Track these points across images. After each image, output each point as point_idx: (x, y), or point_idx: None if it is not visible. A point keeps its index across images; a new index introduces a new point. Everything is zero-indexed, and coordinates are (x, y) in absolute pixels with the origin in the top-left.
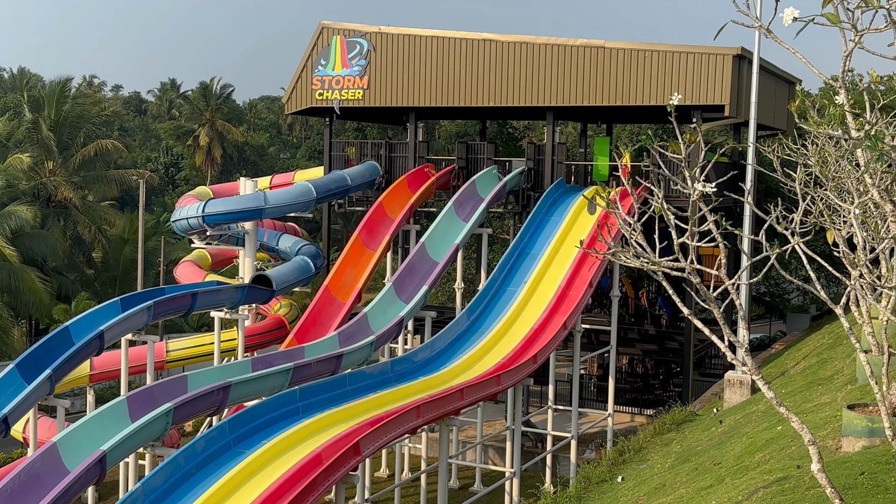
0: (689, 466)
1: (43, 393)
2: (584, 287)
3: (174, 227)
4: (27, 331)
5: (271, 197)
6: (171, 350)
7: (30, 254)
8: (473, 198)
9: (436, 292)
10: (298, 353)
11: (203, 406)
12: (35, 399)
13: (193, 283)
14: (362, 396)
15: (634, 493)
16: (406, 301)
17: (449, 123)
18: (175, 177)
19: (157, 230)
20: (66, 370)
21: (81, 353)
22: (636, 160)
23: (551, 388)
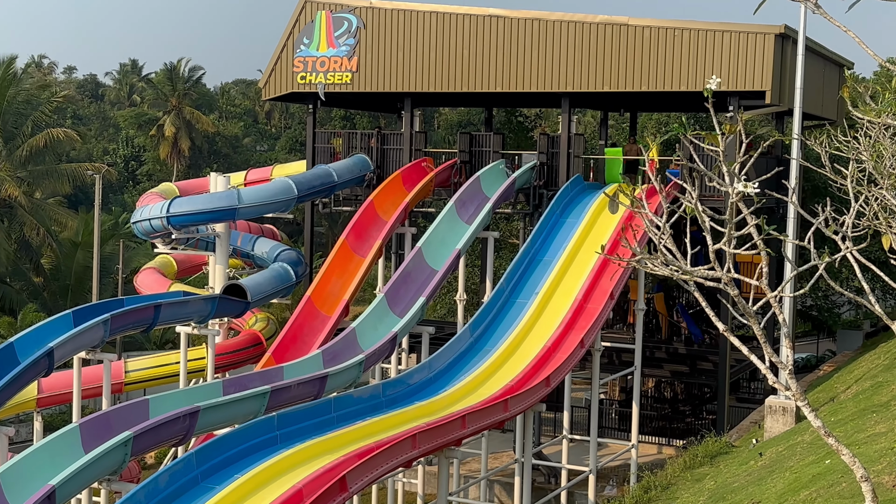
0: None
1: None
2: (604, 299)
3: (134, 229)
4: None
5: (246, 195)
6: (130, 370)
7: None
8: (478, 196)
9: (434, 305)
10: (276, 375)
11: (167, 435)
12: None
13: (156, 293)
14: (349, 424)
15: None
16: (400, 315)
17: (450, 111)
18: (136, 172)
19: (116, 233)
20: (10, 393)
21: (28, 373)
22: (665, 154)
23: (566, 416)
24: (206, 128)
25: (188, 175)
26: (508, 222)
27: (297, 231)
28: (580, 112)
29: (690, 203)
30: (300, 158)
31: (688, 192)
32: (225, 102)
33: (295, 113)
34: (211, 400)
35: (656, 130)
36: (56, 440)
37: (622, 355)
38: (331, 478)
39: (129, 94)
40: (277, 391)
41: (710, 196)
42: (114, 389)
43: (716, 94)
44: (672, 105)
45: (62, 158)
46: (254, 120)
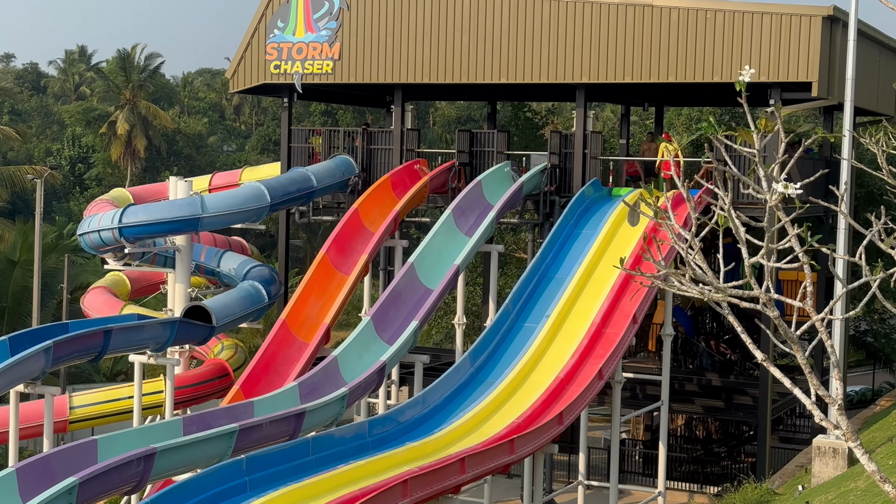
0: None
1: None
2: (625, 323)
3: (81, 242)
4: None
5: (211, 202)
6: (76, 406)
7: None
8: (479, 204)
9: (428, 329)
10: (246, 411)
11: (118, 481)
12: None
13: (107, 316)
14: (330, 468)
15: None
16: (389, 341)
17: (447, 106)
18: (84, 175)
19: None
20: None
21: None
22: (693, 154)
23: (582, 458)
24: (165, 125)
25: (144, 179)
26: (515, 234)
27: (270, 244)
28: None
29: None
30: (274, 160)
31: (720, 199)
32: (187, 95)
33: (268, 107)
34: (169, 441)
35: (685, 128)
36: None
37: (647, 388)
38: None
39: (76, 87)
40: (247, 430)
41: (747, 203)
42: (56, 428)
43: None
44: (704, 98)
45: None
46: (220, 115)
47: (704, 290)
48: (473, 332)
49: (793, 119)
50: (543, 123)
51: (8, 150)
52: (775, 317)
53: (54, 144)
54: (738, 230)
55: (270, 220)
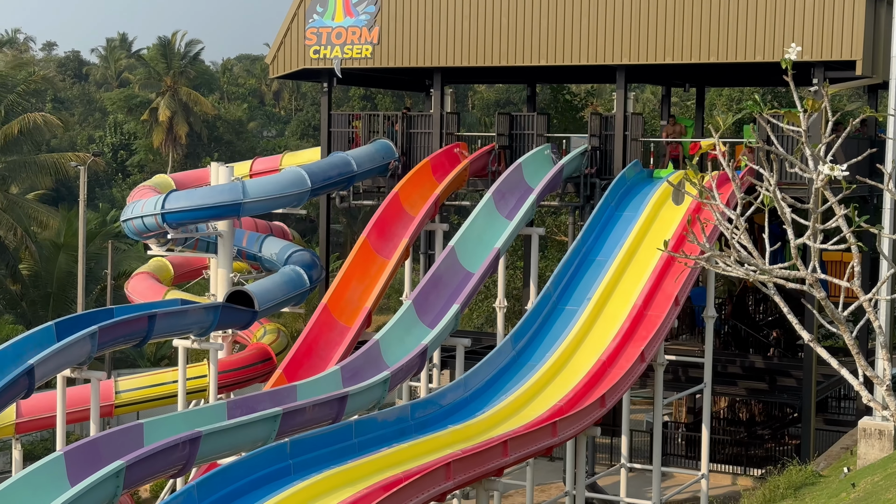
0: None
1: None
2: (667, 305)
3: (125, 228)
4: None
5: (252, 188)
6: (121, 391)
7: None
8: (520, 187)
9: (469, 313)
10: (289, 395)
11: (163, 464)
12: None
13: (150, 301)
14: (373, 451)
15: None
16: (430, 325)
17: (486, 89)
18: (126, 162)
19: (103, 231)
20: None
21: (5, 394)
22: (736, 135)
23: (625, 441)
24: (206, 111)
25: (186, 165)
26: (555, 217)
27: (311, 229)
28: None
29: (768, 192)
30: (314, 145)
31: (765, 180)
32: (227, 81)
33: (307, 93)
34: (214, 424)
35: (727, 108)
36: (38, 471)
37: (689, 370)
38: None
39: (118, 74)
40: (290, 414)
41: (792, 184)
42: (103, 412)
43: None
44: (746, 79)
45: (41, 148)
46: (260, 101)
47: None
48: (514, 315)
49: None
50: (583, 105)
51: (51, 138)
52: (822, 298)
53: (97, 132)
54: (784, 210)
55: (311, 204)
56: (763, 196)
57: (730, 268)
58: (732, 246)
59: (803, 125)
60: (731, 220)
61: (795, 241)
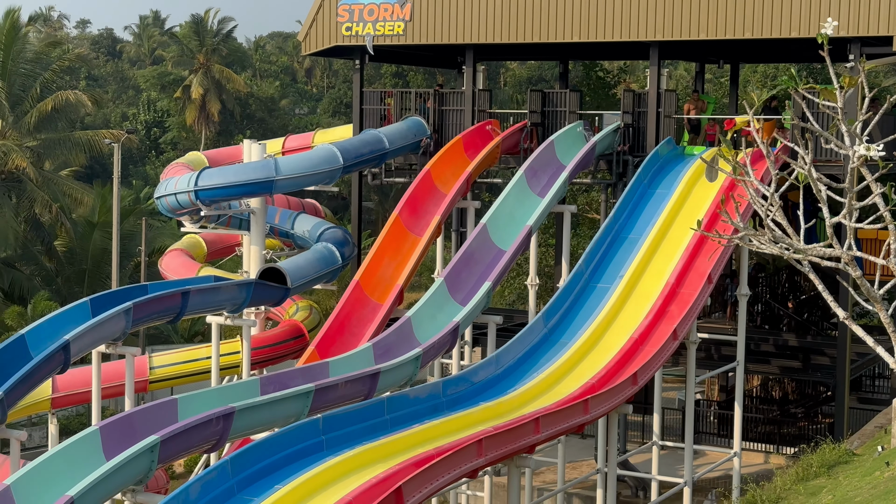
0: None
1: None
2: (700, 283)
3: (158, 205)
4: None
5: (284, 165)
6: (155, 366)
7: None
8: (552, 164)
9: (501, 290)
10: (321, 371)
11: (198, 439)
12: None
13: (184, 278)
14: (405, 428)
15: None
16: (462, 302)
17: (518, 66)
18: (159, 139)
19: (137, 209)
20: (22, 392)
21: (41, 370)
22: (771, 112)
23: (657, 419)
24: (239, 88)
25: (218, 143)
26: (587, 194)
27: (342, 206)
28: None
29: (803, 169)
30: (346, 122)
31: (800, 157)
32: (259, 59)
33: (339, 70)
34: (247, 400)
35: (761, 85)
36: (74, 445)
37: (722, 349)
38: (384, 489)
39: (151, 52)
40: (322, 390)
41: (827, 161)
42: (137, 388)
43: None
44: (780, 55)
45: (75, 125)
46: (292, 79)
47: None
48: (546, 293)
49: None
50: (616, 82)
51: (85, 115)
52: (858, 276)
53: (130, 109)
54: (819, 188)
55: (343, 182)
56: (798, 173)
57: (764, 246)
58: (767, 224)
59: (839, 101)
60: (766, 198)
61: (831, 220)
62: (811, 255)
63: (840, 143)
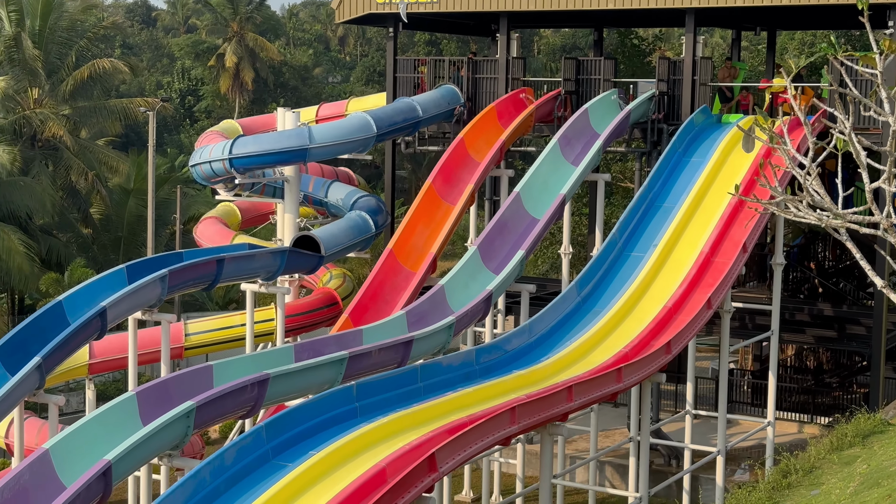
0: (880, 493)
1: (30, 387)
2: (735, 252)
3: (193, 173)
4: (8, 308)
5: (318, 133)
6: (191, 333)
7: (9, 208)
8: (586, 133)
9: (534, 259)
10: (355, 339)
11: (233, 405)
12: (20, 395)
13: (219, 246)
14: (438, 395)
15: None
16: (495, 271)
17: (552, 34)
18: (194, 108)
19: (172, 177)
20: (59, 358)
21: (78, 336)
22: (807, 78)
23: (690, 388)
24: (272, 57)
25: (252, 111)
26: (622, 163)
27: (376, 175)
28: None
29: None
30: (379, 90)
31: (839, 123)
32: (293, 27)
33: (373, 38)
34: (281, 367)
35: (799, 52)
36: (111, 410)
37: (756, 318)
38: (418, 456)
39: (185, 20)
40: (356, 357)
41: (866, 129)
42: (173, 354)
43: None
44: (818, 21)
45: (110, 93)
46: (325, 47)
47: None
48: (579, 261)
49: None
50: (651, 50)
51: (120, 84)
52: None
53: (164, 77)
54: (859, 154)
55: (376, 150)
56: (836, 140)
57: (801, 213)
58: (805, 190)
59: (879, 67)
60: (803, 166)
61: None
62: (849, 221)
63: (880, 109)
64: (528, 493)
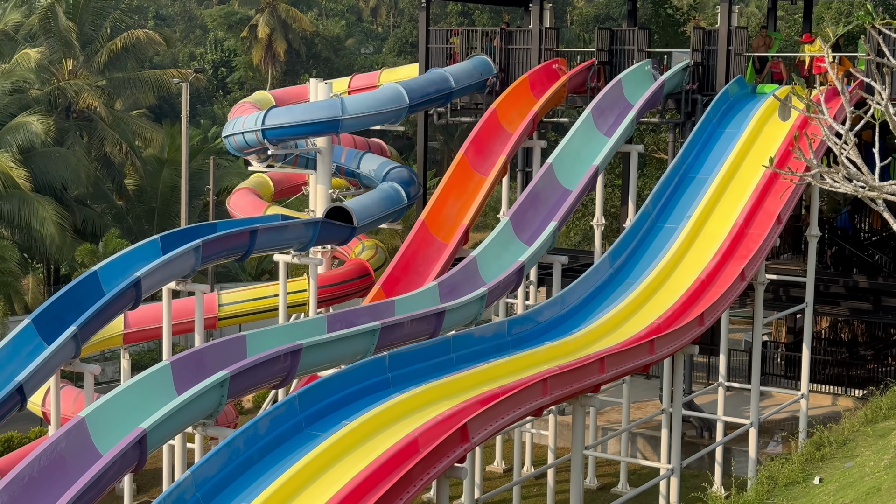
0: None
1: (66, 356)
2: (769, 223)
3: (226, 144)
4: (44, 278)
5: (350, 104)
6: (224, 303)
7: (45, 178)
8: (619, 104)
9: (567, 230)
10: (387, 310)
11: (266, 375)
12: (56, 364)
13: (252, 217)
14: (470, 366)
15: (838, 499)
16: (528, 242)
17: (585, 4)
18: (226, 79)
19: (205, 148)
20: (95, 327)
21: (113, 305)
22: (846, 49)
23: (723, 360)
24: (305, 28)
25: (284, 82)
26: (655, 134)
27: (408, 146)
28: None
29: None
30: (411, 61)
31: (877, 93)
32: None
33: (405, 9)
34: (314, 337)
35: (836, 21)
36: (146, 379)
37: (790, 290)
38: (450, 426)
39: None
40: (388, 328)
41: None
42: (207, 324)
43: None
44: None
45: (144, 65)
46: (357, 18)
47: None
48: (612, 233)
49: None
50: (685, 20)
51: (154, 55)
52: None
53: (198, 49)
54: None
55: (408, 121)
56: (874, 110)
57: (837, 184)
58: (841, 162)
59: None
60: (840, 136)
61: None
62: (886, 192)
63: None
64: (559, 465)
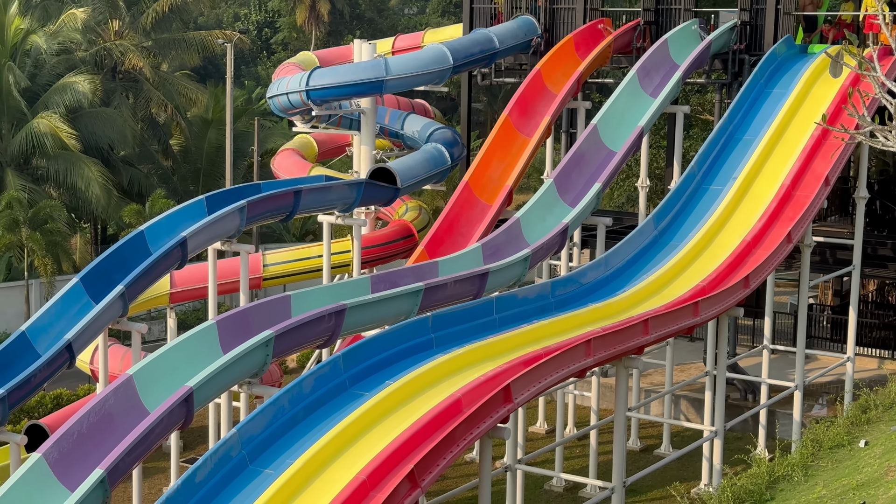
0: None
1: (114, 315)
2: (817, 185)
3: (270, 104)
4: (91, 237)
5: (394, 65)
6: (269, 264)
7: (91, 139)
8: (665, 64)
9: (611, 192)
10: (430, 271)
11: (311, 335)
12: (104, 322)
13: (296, 177)
14: (513, 328)
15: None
16: (572, 204)
17: None
18: (270, 40)
19: (249, 109)
20: (142, 287)
21: (159, 265)
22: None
23: (768, 323)
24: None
25: (328, 43)
26: (701, 94)
27: (452, 107)
28: None
29: None
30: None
31: None
32: None
33: None
34: (358, 298)
35: None
36: (192, 338)
37: (837, 253)
38: (493, 387)
39: None
40: (432, 289)
41: None
42: (252, 285)
43: None
44: None
45: (189, 26)
46: None
47: None
48: (656, 195)
49: None
50: None
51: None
52: None
53: (241, 9)
54: None
55: (452, 82)
56: None
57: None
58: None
59: None
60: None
61: None
62: None
63: None
64: (602, 426)
